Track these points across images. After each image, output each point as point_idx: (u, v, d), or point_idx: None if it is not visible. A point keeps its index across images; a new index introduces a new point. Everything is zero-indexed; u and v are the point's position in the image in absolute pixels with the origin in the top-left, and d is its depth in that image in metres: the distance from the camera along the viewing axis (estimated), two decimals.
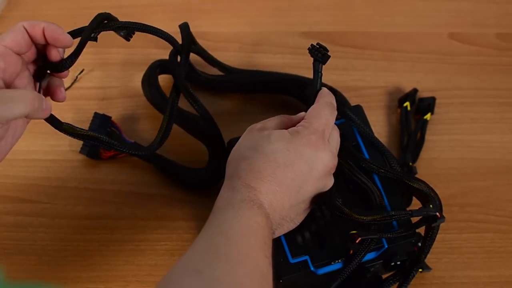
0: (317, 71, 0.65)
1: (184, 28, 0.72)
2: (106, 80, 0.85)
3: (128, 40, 0.65)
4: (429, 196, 0.65)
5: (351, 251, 0.64)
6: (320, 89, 0.66)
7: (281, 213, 0.59)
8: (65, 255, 0.74)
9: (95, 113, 0.79)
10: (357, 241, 0.63)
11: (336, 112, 0.64)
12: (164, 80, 0.83)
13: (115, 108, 0.82)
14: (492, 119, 0.83)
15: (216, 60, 0.81)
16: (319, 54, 0.63)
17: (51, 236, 0.75)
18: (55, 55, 0.60)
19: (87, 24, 0.63)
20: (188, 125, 0.79)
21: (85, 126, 0.79)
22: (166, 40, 0.68)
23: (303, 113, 0.65)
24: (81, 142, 0.78)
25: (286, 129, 0.62)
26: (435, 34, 0.89)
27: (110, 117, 0.79)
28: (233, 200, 0.57)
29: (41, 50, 0.60)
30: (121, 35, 0.65)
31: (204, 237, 0.55)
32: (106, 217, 0.76)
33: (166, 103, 0.79)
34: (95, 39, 0.63)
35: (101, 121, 0.78)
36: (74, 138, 0.63)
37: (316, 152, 0.60)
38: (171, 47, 0.71)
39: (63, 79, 0.63)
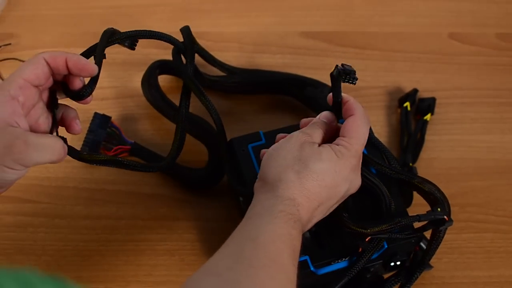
0: (339, 85, 0.62)
1: (186, 30, 0.71)
2: (106, 80, 0.85)
3: (133, 49, 0.65)
4: (438, 200, 0.65)
5: (360, 249, 0.64)
6: (341, 99, 0.63)
7: (309, 225, 0.60)
8: (65, 255, 0.74)
9: (95, 113, 0.79)
10: (367, 240, 0.63)
11: (369, 123, 0.63)
12: (164, 80, 0.83)
13: (115, 108, 0.82)
14: (492, 119, 0.83)
15: (217, 60, 0.81)
16: (349, 78, 0.61)
17: (51, 236, 0.75)
18: (78, 83, 0.60)
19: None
20: (188, 125, 0.78)
21: (85, 126, 0.79)
22: (171, 43, 0.68)
23: (328, 115, 0.64)
24: (80, 142, 0.78)
25: (327, 136, 0.62)
26: (435, 34, 0.89)
27: (110, 117, 0.79)
28: (272, 208, 0.57)
29: (59, 79, 0.61)
30: (125, 46, 0.64)
31: (232, 242, 0.56)
32: (106, 217, 0.76)
33: (166, 103, 0.79)
34: (105, 57, 0.63)
35: (101, 121, 0.78)
36: (95, 165, 0.65)
37: (355, 176, 0.62)
38: (171, 47, 0.70)
39: (76, 111, 0.63)
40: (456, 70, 0.87)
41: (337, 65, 0.61)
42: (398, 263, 0.68)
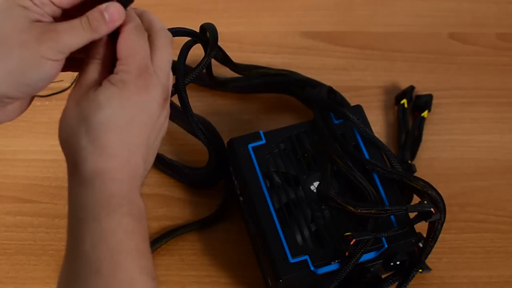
0: None
1: (211, 25, 0.68)
2: None
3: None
4: (432, 198, 0.65)
5: (347, 253, 0.64)
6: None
7: (139, 173, 0.52)
8: None
9: None
10: (351, 243, 0.63)
11: (144, 33, 0.53)
12: None
13: None
14: (492, 119, 0.83)
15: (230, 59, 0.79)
16: None
17: (51, 236, 0.75)
18: None
19: None
20: (188, 125, 0.78)
21: None
22: (196, 37, 0.65)
23: (105, 39, 0.53)
24: None
25: (106, 72, 0.52)
26: (435, 34, 0.89)
27: None
28: (90, 206, 0.49)
29: None
30: None
31: (73, 277, 0.49)
32: None
33: None
34: None
35: None
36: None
37: (148, 95, 0.52)
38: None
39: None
40: (456, 70, 0.87)
41: None
42: (398, 263, 0.68)
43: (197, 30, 0.67)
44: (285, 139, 0.71)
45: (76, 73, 0.63)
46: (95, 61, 0.52)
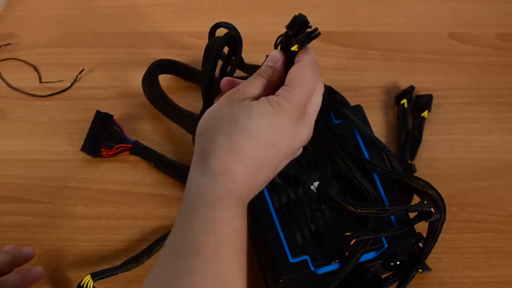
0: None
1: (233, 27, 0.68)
2: (106, 80, 0.85)
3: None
4: (432, 198, 0.65)
5: (347, 253, 0.64)
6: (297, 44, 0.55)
7: (254, 191, 0.55)
8: (65, 255, 0.74)
9: (97, 111, 0.79)
10: (351, 243, 0.63)
11: (319, 71, 0.56)
12: (164, 80, 0.83)
13: (115, 108, 0.82)
14: (492, 119, 0.83)
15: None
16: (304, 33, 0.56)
17: (51, 236, 0.75)
18: None
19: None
20: (189, 125, 0.79)
21: (86, 125, 0.79)
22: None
23: (279, 64, 0.57)
24: (81, 141, 0.78)
25: (267, 94, 0.55)
26: (435, 34, 0.89)
27: (111, 116, 0.79)
28: (208, 195, 0.51)
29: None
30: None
31: (173, 253, 0.51)
32: (106, 217, 0.76)
33: (167, 103, 0.80)
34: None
35: (103, 119, 0.79)
36: None
37: (297, 129, 0.54)
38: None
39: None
40: (456, 70, 0.87)
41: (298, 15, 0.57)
42: (398, 263, 0.68)
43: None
44: None
45: (76, 74, 0.63)
46: (262, 79, 0.56)
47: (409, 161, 0.78)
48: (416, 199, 0.69)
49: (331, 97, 0.77)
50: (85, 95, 0.83)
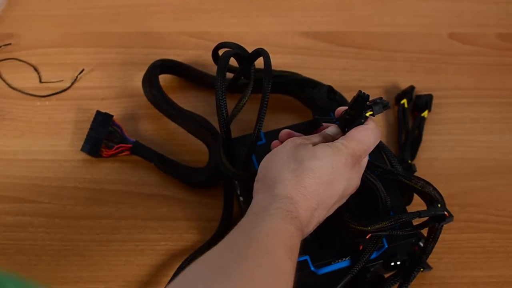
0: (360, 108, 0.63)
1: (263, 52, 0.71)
2: (106, 80, 0.85)
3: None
4: (434, 198, 0.65)
5: (361, 247, 0.64)
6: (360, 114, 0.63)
7: (309, 227, 0.60)
8: (65, 255, 0.74)
9: (97, 111, 0.79)
10: (367, 237, 0.63)
11: (377, 142, 0.63)
12: (164, 80, 0.83)
13: (115, 108, 0.82)
14: (492, 119, 0.83)
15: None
16: (368, 107, 0.62)
17: (51, 236, 0.75)
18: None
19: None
20: (189, 125, 0.79)
21: (86, 125, 0.79)
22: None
23: (334, 127, 0.65)
24: (81, 141, 0.78)
25: (325, 140, 0.63)
26: (435, 34, 0.89)
27: (112, 116, 0.79)
28: (269, 206, 0.57)
29: None
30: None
31: (227, 238, 0.55)
32: (106, 217, 0.76)
33: (167, 103, 0.80)
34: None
35: (103, 119, 0.79)
36: None
37: (351, 174, 0.61)
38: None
39: None
40: (456, 70, 0.87)
41: (361, 92, 0.62)
42: (398, 263, 0.68)
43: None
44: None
45: (76, 74, 0.63)
46: (322, 134, 0.64)
47: (409, 161, 0.78)
48: (416, 199, 0.69)
49: (331, 97, 0.77)
50: (85, 95, 0.83)
